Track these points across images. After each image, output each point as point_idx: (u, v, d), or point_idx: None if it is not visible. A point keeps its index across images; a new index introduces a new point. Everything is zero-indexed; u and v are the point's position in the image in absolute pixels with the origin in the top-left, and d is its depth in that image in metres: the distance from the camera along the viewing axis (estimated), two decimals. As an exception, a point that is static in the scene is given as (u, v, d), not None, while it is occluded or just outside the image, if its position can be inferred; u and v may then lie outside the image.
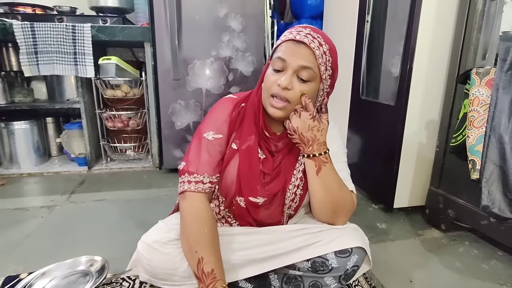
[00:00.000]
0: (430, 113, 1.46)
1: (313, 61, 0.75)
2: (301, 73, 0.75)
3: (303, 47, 0.75)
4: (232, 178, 0.84)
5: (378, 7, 1.70)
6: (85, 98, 2.07)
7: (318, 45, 0.75)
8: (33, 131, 2.15)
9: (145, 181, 1.99)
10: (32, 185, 1.92)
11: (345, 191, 0.84)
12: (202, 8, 1.87)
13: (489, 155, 0.91)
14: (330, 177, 0.81)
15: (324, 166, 0.80)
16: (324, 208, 0.84)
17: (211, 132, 0.84)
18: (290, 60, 0.75)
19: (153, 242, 0.82)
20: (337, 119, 1.99)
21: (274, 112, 0.78)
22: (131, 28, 1.95)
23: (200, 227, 0.78)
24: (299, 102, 0.78)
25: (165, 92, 1.96)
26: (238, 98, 0.89)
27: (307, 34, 0.75)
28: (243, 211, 0.86)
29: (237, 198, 0.85)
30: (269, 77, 0.78)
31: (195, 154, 0.83)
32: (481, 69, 1.03)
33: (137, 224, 1.43)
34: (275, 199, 0.86)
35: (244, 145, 0.83)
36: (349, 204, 0.85)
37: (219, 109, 0.87)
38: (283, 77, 0.75)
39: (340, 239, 0.81)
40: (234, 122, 0.85)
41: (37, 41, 1.83)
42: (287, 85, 0.75)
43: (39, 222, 1.45)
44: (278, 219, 0.89)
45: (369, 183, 1.75)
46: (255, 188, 0.83)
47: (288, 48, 0.76)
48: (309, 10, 2.32)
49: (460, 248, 1.30)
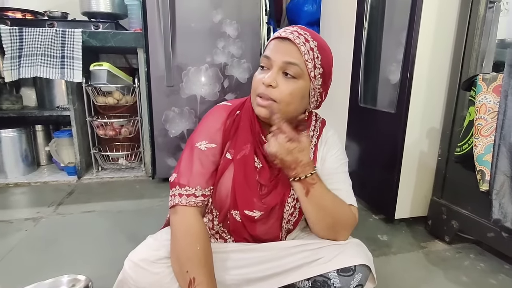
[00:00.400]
0: (432, 121, 1.42)
1: (298, 57, 0.71)
2: (286, 69, 0.71)
3: (288, 43, 0.71)
4: (227, 191, 0.78)
5: (375, 15, 1.68)
6: (76, 105, 2.01)
7: (304, 41, 0.71)
8: (21, 139, 2.07)
9: (137, 191, 1.92)
10: (18, 196, 1.84)
11: (341, 207, 0.78)
12: (196, 13, 1.83)
13: (499, 166, 0.86)
14: (322, 196, 0.75)
15: (312, 188, 0.74)
16: (322, 228, 0.78)
17: (204, 141, 0.78)
18: (274, 57, 0.72)
19: (140, 260, 0.75)
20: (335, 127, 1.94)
21: (259, 110, 0.74)
22: (124, 33, 1.90)
23: (191, 244, 0.72)
24: (288, 101, 0.72)
25: (158, 99, 1.91)
26: (232, 105, 0.83)
27: (293, 31, 0.72)
28: (239, 225, 0.80)
29: (232, 212, 0.79)
30: (256, 76, 0.75)
31: (187, 165, 0.77)
32: (488, 75, 0.99)
33: (127, 238, 1.36)
34: (272, 213, 0.80)
35: (239, 154, 0.77)
36: (348, 219, 0.79)
37: (213, 117, 0.82)
38: (267, 75, 0.72)
39: (342, 256, 0.75)
40: (228, 130, 0.79)
41: (23, 45, 1.77)
42: (270, 82, 0.71)
43: (23, 236, 1.37)
44: (276, 235, 0.83)
45: (368, 193, 1.69)
46: (251, 200, 0.77)
47: (273, 46, 0.73)
48: (305, 17, 2.30)
49: (466, 262, 1.25)
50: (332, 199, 0.77)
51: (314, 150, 0.83)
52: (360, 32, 1.70)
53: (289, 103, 0.73)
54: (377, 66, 1.73)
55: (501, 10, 1.32)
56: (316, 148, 0.84)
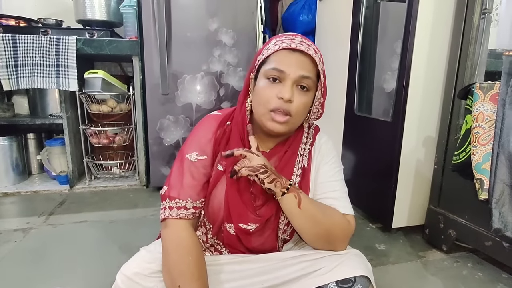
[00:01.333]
0: (428, 129, 1.42)
1: (311, 70, 0.72)
2: (301, 83, 0.71)
3: (300, 54, 0.70)
4: (219, 203, 0.76)
5: (370, 25, 1.70)
6: (69, 113, 1.98)
7: (314, 52, 0.71)
8: (12, 147, 2.03)
9: (131, 200, 1.88)
10: (8, 206, 1.79)
11: (332, 216, 0.75)
12: (192, 21, 1.83)
13: (498, 174, 0.86)
14: (311, 205, 0.74)
15: (301, 194, 0.73)
16: (317, 242, 0.76)
17: (194, 152, 0.77)
18: (289, 71, 0.70)
19: (133, 274, 0.72)
20: (332, 135, 1.94)
21: (276, 127, 0.72)
22: (119, 41, 1.89)
23: (183, 258, 0.69)
24: (301, 114, 0.73)
25: (153, 107, 1.89)
26: (222, 115, 0.82)
27: (302, 42, 0.71)
28: (233, 238, 0.78)
29: (226, 225, 0.77)
30: (265, 90, 0.72)
31: (177, 177, 0.75)
32: (485, 83, 1.00)
33: (120, 249, 1.32)
34: (268, 224, 0.78)
35: (231, 166, 0.75)
36: (344, 229, 0.76)
37: (203, 127, 0.80)
38: (284, 89, 0.69)
39: (341, 267, 0.73)
40: (219, 141, 0.78)
41: (18, 54, 1.75)
42: (291, 97, 0.69)
43: (11, 247, 1.33)
44: (273, 246, 0.81)
45: (365, 202, 1.68)
46: (245, 214, 0.75)
47: (284, 58, 0.71)
48: (301, 26, 2.32)
49: (464, 271, 1.24)
50: (321, 208, 0.75)
51: (308, 158, 0.82)
52: (355, 41, 1.72)
53: (301, 116, 0.74)
54: (372, 75, 1.74)
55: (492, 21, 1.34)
56: (310, 156, 0.82)
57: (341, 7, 1.83)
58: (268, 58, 0.73)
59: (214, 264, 0.78)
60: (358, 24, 1.69)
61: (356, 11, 1.70)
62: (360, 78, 1.72)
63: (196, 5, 1.82)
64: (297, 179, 0.79)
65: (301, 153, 0.82)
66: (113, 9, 2.07)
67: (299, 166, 0.80)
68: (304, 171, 0.80)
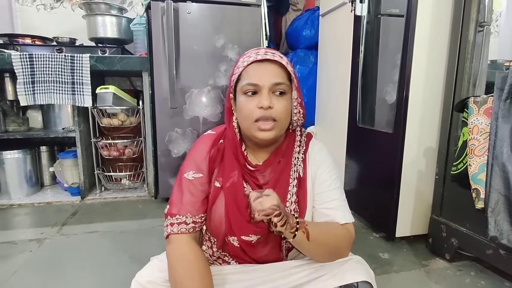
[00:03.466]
0: (428, 141, 1.46)
1: (282, 75, 0.76)
2: (275, 89, 0.75)
3: (268, 64, 0.75)
4: (220, 218, 0.80)
5: (371, 38, 1.76)
6: (81, 127, 2.06)
7: (279, 57, 0.76)
8: (26, 160, 2.10)
9: (140, 211, 1.93)
10: (22, 217, 1.86)
11: (336, 234, 0.78)
12: (200, 38, 1.91)
13: (493, 184, 0.90)
14: (318, 231, 0.75)
15: (308, 226, 0.74)
16: (325, 258, 0.80)
17: (191, 171, 0.81)
18: (261, 81, 0.74)
19: (146, 282, 0.76)
20: (335, 147, 1.99)
21: (265, 135, 0.75)
22: (130, 58, 1.98)
23: (187, 271, 0.72)
24: (284, 117, 0.77)
25: (162, 120, 1.96)
26: (216, 134, 0.86)
27: (266, 52, 0.76)
28: (238, 251, 0.81)
29: (229, 238, 0.80)
30: (246, 104, 0.76)
31: (177, 195, 0.80)
32: (479, 97, 1.05)
33: (130, 258, 1.37)
34: (270, 236, 0.80)
35: (228, 182, 0.79)
36: (347, 241, 0.80)
37: (198, 147, 0.85)
38: (262, 99, 0.74)
39: (344, 273, 0.77)
40: (214, 159, 0.82)
41: (35, 71, 1.84)
42: (270, 104, 0.73)
43: (27, 257, 1.38)
44: (277, 256, 0.84)
45: (369, 211, 1.72)
46: (245, 226, 0.78)
47: (254, 71, 0.75)
48: (304, 41, 2.39)
49: (467, 279, 1.26)
50: (326, 229, 0.78)
51: (303, 167, 0.84)
52: (357, 55, 1.77)
53: (284, 120, 0.78)
54: (374, 88, 1.79)
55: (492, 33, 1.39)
56: (304, 164, 0.84)
57: (343, 22, 1.89)
58: (241, 76, 0.77)
59: (220, 274, 0.81)
60: (359, 38, 1.75)
61: (357, 26, 1.77)
62: (363, 90, 1.77)
63: (203, 23, 1.91)
64: (294, 190, 0.81)
65: (295, 162, 0.84)
66: (124, 27, 2.17)
67: (295, 176, 0.82)
68: (300, 180, 0.82)
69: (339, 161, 1.93)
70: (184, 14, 1.87)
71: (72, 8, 2.44)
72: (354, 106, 1.81)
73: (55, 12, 2.43)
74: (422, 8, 1.34)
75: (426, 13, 1.35)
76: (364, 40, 1.74)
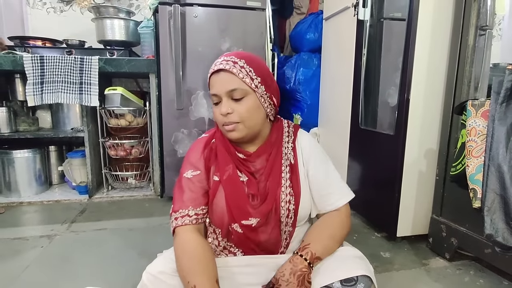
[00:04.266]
0: (429, 142, 1.50)
1: (235, 81, 0.82)
2: (232, 96, 0.82)
3: (222, 73, 0.82)
4: (222, 208, 0.86)
5: (373, 42, 1.79)
6: (89, 127, 2.11)
7: (232, 64, 0.82)
8: (35, 159, 2.16)
9: (147, 210, 1.98)
10: (32, 214, 1.91)
11: (340, 233, 0.87)
12: (206, 41, 1.96)
13: (489, 184, 0.93)
14: (325, 246, 0.83)
15: (314, 252, 0.80)
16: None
17: (190, 170, 0.89)
18: (218, 91, 0.83)
19: (158, 273, 0.80)
20: (338, 148, 2.03)
21: (232, 135, 0.85)
22: (137, 60, 2.03)
23: (190, 258, 0.78)
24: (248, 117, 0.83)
25: (168, 121, 2.00)
26: (208, 136, 0.95)
27: (222, 62, 0.83)
28: (242, 237, 0.86)
29: (232, 225, 0.86)
30: (214, 112, 0.87)
31: (179, 194, 0.87)
32: (476, 101, 1.08)
33: (139, 254, 1.42)
34: (269, 219, 0.86)
35: (224, 175, 0.87)
36: (345, 225, 0.89)
37: (192, 150, 0.93)
38: (222, 106, 0.83)
39: (344, 266, 0.81)
40: (208, 158, 0.90)
41: (45, 72, 1.89)
42: (227, 111, 0.82)
43: (39, 252, 1.43)
44: (278, 239, 0.89)
45: (371, 212, 1.75)
46: (245, 210, 0.85)
47: (213, 81, 0.84)
48: (307, 44, 2.42)
49: (466, 278, 1.29)
50: (330, 235, 0.85)
51: (293, 154, 0.91)
52: (360, 58, 1.81)
53: (250, 118, 0.84)
54: (376, 90, 1.83)
55: (494, 36, 1.42)
56: (294, 152, 0.92)
57: (346, 26, 1.93)
58: (209, 86, 0.87)
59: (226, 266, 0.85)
60: (362, 42, 1.78)
61: (360, 29, 1.80)
62: (365, 93, 1.81)
63: (209, 26, 1.95)
64: (288, 176, 0.88)
65: (286, 151, 0.91)
66: (132, 30, 2.22)
67: (287, 164, 0.90)
68: (292, 167, 0.90)
69: (341, 162, 1.97)
70: (190, 18, 1.92)
71: (81, 11, 2.50)
72: (356, 108, 1.84)
73: (64, 15, 2.49)
74: (423, 12, 1.38)
75: (427, 17, 1.39)
76: (366, 43, 1.77)
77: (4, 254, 1.41)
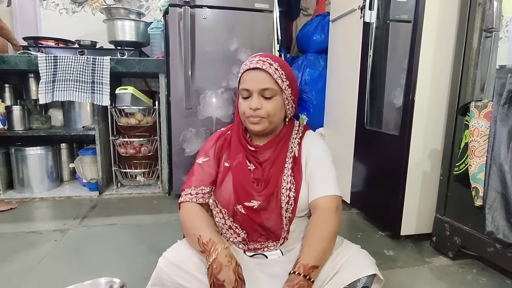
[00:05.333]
0: (433, 143, 1.52)
1: (269, 81, 0.91)
2: (264, 93, 0.91)
3: (257, 71, 0.91)
4: (230, 191, 0.95)
5: (379, 43, 1.82)
6: (100, 126, 2.16)
7: (268, 66, 0.91)
8: (47, 156, 2.22)
9: (155, 207, 2.03)
10: (45, 209, 1.97)
11: (329, 236, 0.87)
12: (214, 43, 2.00)
13: (491, 183, 0.96)
14: (321, 254, 0.84)
15: (305, 263, 0.81)
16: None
17: (202, 157, 1.02)
18: (252, 87, 0.91)
19: (174, 259, 0.85)
20: (343, 148, 2.06)
21: (255, 127, 0.93)
22: (148, 60, 2.08)
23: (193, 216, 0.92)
24: (273, 114, 0.92)
25: (177, 120, 2.05)
26: (225, 129, 1.07)
27: (258, 61, 0.91)
28: (245, 217, 0.93)
29: (237, 206, 0.93)
30: (241, 104, 0.95)
31: (189, 176, 1.00)
32: (479, 102, 1.11)
33: (149, 248, 1.46)
34: (271, 203, 0.93)
35: (234, 162, 0.97)
36: (333, 222, 0.89)
37: (208, 141, 1.07)
38: (252, 101, 0.91)
39: (350, 267, 0.83)
40: (221, 147, 1.01)
41: (57, 71, 1.95)
42: (257, 106, 0.91)
43: (53, 245, 1.48)
44: (278, 222, 0.94)
45: (375, 210, 1.78)
46: (250, 193, 0.93)
47: (247, 78, 0.92)
48: (314, 45, 2.46)
49: (469, 276, 1.31)
50: (325, 242, 0.85)
51: (298, 149, 0.98)
52: (366, 59, 1.84)
53: (274, 115, 0.94)
54: (382, 91, 1.85)
55: (501, 38, 1.43)
56: (300, 147, 0.99)
57: (352, 28, 1.96)
58: (240, 80, 0.96)
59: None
60: (368, 43, 1.81)
61: (366, 31, 1.83)
62: (371, 94, 1.83)
63: (218, 28, 1.99)
64: (290, 166, 0.96)
65: (292, 145, 0.99)
66: (142, 31, 2.27)
67: (291, 156, 0.97)
68: (295, 159, 0.97)
69: (347, 162, 2.00)
70: (200, 19, 1.97)
71: (93, 12, 2.56)
72: (362, 109, 1.87)
73: (76, 16, 2.55)
74: (429, 14, 1.41)
75: (433, 19, 1.41)
76: (372, 45, 1.80)
77: (20, 247, 1.47)
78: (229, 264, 0.78)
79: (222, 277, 0.76)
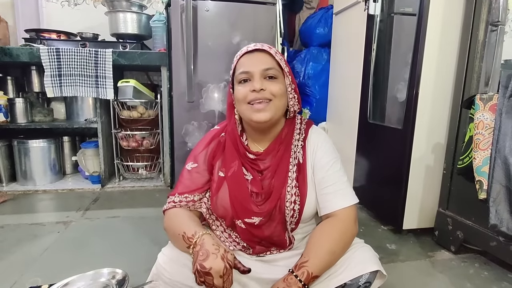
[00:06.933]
0: (437, 137, 1.51)
1: (271, 62, 0.83)
2: (267, 74, 0.83)
3: (258, 53, 0.84)
4: (226, 204, 0.87)
5: (383, 37, 1.80)
6: (102, 119, 2.16)
7: (268, 48, 0.84)
8: (50, 149, 2.22)
9: (157, 199, 2.03)
10: (47, 202, 1.98)
11: (336, 238, 0.82)
12: (217, 35, 1.99)
13: (495, 176, 0.95)
14: (322, 263, 0.79)
15: (308, 268, 0.77)
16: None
17: (190, 163, 0.93)
18: (253, 69, 0.82)
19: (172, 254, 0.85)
20: (346, 141, 2.05)
21: (260, 116, 0.82)
22: (150, 53, 2.07)
23: (176, 219, 0.85)
24: (279, 95, 0.83)
25: (179, 113, 2.04)
26: (219, 128, 0.96)
27: (256, 44, 0.85)
28: (246, 232, 0.87)
29: (236, 221, 0.87)
30: (240, 90, 0.84)
31: (177, 185, 0.93)
32: (485, 95, 1.10)
33: (151, 240, 1.47)
34: (273, 217, 0.86)
35: (229, 172, 0.87)
36: (348, 231, 0.84)
37: (199, 143, 0.96)
38: (254, 83, 0.81)
39: (353, 265, 0.81)
40: (214, 152, 0.92)
41: (62, 64, 1.95)
42: (261, 86, 0.81)
43: (56, 237, 1.49)
44: (282, 235, 0.89)
45: (378, 205, 1.77)
46: (248, 209, 0.85)
47: (245, 61, 0.84)
48: (317, 39, 2.44)
49: (471, 270, 1.31)
50: (333, 257, 0.80)
51: (302, 153, 0.89)
52: (369, 53, 1.82)
53: (281, 98, 0.84)
54: (385, 85, 1.84)
55: (506, 32, 1.42)
56: (304, 151, 0.90)
57: (356, 21, 1.94)
58: (236, 68, 0.86)
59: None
60: (372, 37, 1.79)
61: (370, 24, 1.81)
62: (374, 87, 1.82)
63: (221, 20, 1.98)
64: (294, 175, 0.87)
65: (295, 149, 0.89)
66: (144, 24, 2.26)
67: (295, 163, 0.88)
68: (300, 166, 0.88)
69: (349, 156, 1.99)
70: (202, 12, 1.95)
71: (94, 5, 2.54)
72: (365, 102, 1.86)
73: (78, 8, 2.54)
74: (434, 7, 1.39)
75: (438, 12, 1.40)
76: (376, 38, 1.78)
77: (23, 238, 1.48)
78: (217, 252, 0.70)
79: (209, 265, 0.68)
